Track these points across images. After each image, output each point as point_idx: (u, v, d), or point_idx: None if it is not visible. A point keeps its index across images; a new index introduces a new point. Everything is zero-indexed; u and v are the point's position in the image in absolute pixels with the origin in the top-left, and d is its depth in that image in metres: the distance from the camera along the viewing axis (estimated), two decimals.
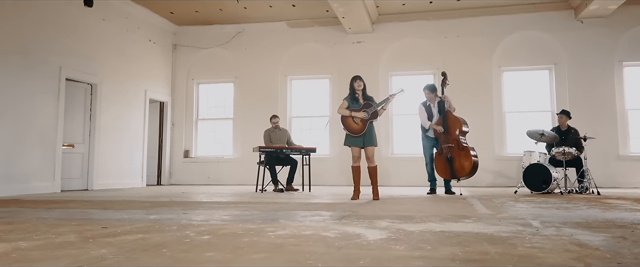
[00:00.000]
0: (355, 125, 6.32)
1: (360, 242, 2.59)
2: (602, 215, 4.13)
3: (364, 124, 6.26)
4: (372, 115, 6.26)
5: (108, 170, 9.94)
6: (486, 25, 11.10)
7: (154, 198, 6.57)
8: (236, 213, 4.30)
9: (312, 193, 7.93)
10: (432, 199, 6.45)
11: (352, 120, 6.34)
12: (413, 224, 3.46)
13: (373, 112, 6.25)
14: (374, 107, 6.26)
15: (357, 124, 6.30)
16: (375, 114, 6.27)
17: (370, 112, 6.25)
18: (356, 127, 6.30)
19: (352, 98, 6.45)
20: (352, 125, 6.34)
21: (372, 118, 6.26)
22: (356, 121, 6.31)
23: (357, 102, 6.39)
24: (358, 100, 6.40)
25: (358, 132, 6.28)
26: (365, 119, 6.26)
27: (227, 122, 12.45)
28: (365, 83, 6.48)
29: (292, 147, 8.60)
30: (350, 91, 6.48)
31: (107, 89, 9.97)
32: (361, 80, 6.43)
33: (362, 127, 6.26)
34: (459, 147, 7.42)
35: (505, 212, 4.43)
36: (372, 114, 6.25)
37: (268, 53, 12.15)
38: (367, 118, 6.25)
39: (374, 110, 6.25)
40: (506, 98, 11.08)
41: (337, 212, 4.43)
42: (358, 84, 6.40)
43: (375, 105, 6.27)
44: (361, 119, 6.27)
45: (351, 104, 6.42)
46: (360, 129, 6.27)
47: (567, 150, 7.73)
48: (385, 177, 11.04)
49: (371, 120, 6.28)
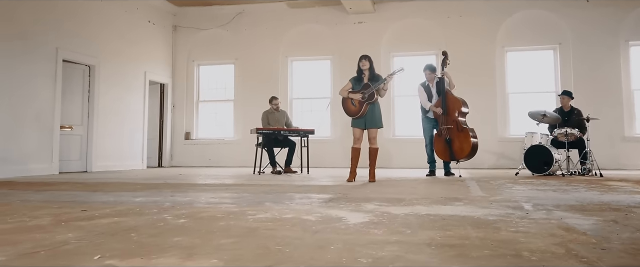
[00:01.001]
0: (353, 107, 6.21)
1: (339, 226, 2.51)
2: (598, 197, 4.03)
3: (361, 105, 6.14)
4: (369, 96, 6.13)
5: (108, 152, 9.91)
6: (489, 5, 10.89)
7: (148, 180, 6.52)
8: (224, 196, 4.23)
9: (310, 175, 7.86)
10: (429, 181, 6.36)
11: (351, 102, 6.23)
12: (400, 207, 3.37)
13: (370, 93, 6.13)
14: (371, 89, 6.13)
15: (354, 106, 6.19)
16: (372, 95, 6.14)
17: (367, 94, 6.13)
18: (353, 109, 6.19)
19: (356, 79, 6.33)
20: (349, 107, 6.24)
21: (369, 100, 6.14)
22: (354, 103, 6.20)
23: (360, 82, 6.27)
24: (362, 80, 6.27)
25: (355, 114, 6.17)
26: (362, 101, 6.14)
27: (227, 104, 12.37)
28: (371, 62, 6.31)
29: (290, 129, 8.50)
30: (357, 70, 6.36)
31: (105, 70, 9.90)
32: (367, 60, 6.28)
33: (359, 109, 6.14)
34: (459, 129, 7.31)
35: (499, 194, 4.34)
36: (368, 95, 6.13)
37: (268, 34, 12.01)
38: (364, 100, 6.13)
39: (371, 91, 6.12)
40: (509, 79, 10.92)
41: (328, 194, 4.36)
42: (362, 64, 6.27)
43: (373, 86, 6.14)
44: (358, 100, 6.16)
45: (355, 84, 6.30)
46: (356, 111, 6.16)
47: (570, 131, 7.59)
48: (386, 159, 10.96)
49: (369, 102, 6.15)
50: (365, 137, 6.33)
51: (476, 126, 9.95)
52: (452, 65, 10.72)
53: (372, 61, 6.33)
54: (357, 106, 6.18)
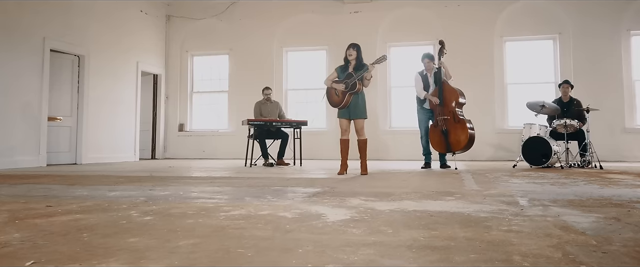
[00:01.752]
0: (336, 97, 6.00)
1: (316, 224, 2.31)
2: (598, 192, 3.83)
3: (343, 96, 5.92)
4: (351, 86, 5.89)
5: (98, 144, 9.71)
6: None
7: (134, 173, 6.33)
8: (206, 190, 4.03)
9: (302, 168, 7.66)
10: (423, 174, 6.16)
11: (334, 92, 6.01)
12: (387, 202, 3.17)
13: (352, 83, 5.89)
14: (354, 78, 5.89)
15: (337, 96, 5.98)
16: (354, 85, 5.89)
17: (350, 84, 5.90)
18: (336, 100, 5.99)
19: (343, 68, 6.11)
20: (333, 97, 6.03)
21: (351, 90, 5.90)
22: (337, 93, 5.98)
23: (346, 72, 6.05)
24: (348, 70, 6.05)
25: (338, 104, 5.96)
26: (345, 91, 5.91)
27: (222, 95, 12.16)
28: (359, 51, 6.08)
29: (282, 120, 8.29)
30: (344, 59, 6.14)
31: (95, 60, 9.68)
32: (354, 49, 6.05)
33: (341, 99, 5.92)
34: (455, 120, 7.10)
35: (494, 188, 4.14)
36: (351, 85, 5.89)
37: (263, 24, 11.78)
38: (346, 90, 5.90)
39: (354, 81, 5.89)
40: (508, 69, 10.70)
41: (315, 188, 4.16)
42: (349, 53, 6.04)
43: (355, 76, 5.90)
44: (341, 91, 5.94)
45: (340, 74, 6.09)
46: (339, 101, 5.95)
47: (569, 122, 7.38)
48: (383, 151, 10.77)
49: (352, 92, 5.92)
50: (353, 128, 6.12)
51: (474, 117, 9.76)
52: (449, 55, 10.51)
53: (360, 50, 6.10)
54: (340, 96, 5.96)
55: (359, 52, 6.05)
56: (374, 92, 11.06)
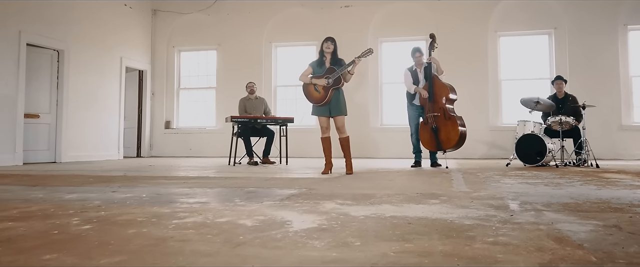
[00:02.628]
0: (316, 93, 5.69)
1: (275, 235, 2.02)
2: (596, 193, 3.55)
3: (326, 92, 5.62)
4: (335, 81, 5.60)
5: (80, 142, 9.39)
6: None
7: (109, 172, 6.02)
8: (173, 192, 3.73)
9: (287, 166, 7.37)
10: (412, 173, 5.87)
11: (314, 88, 5.71)
12: (364, 206, 2.88)
13: (336, 78, 5.60)
14: (338, 72, 5.60)
15: (318, 92, 5.67)
16: (338, 80, 5.60)
17: (333, 78, 5.60)
18: (317, 96, 5.67)
19: (318, 62, 5.81)
20: (313, 94, 5.72)
21: (335, 85, 5.61)
22: (318, 89, 5.67)
23: (322, 67, 5.75)
24: (324, 64, 5.75)
25: (319, 101, 5.66)
26: (328, 87, 5.61)
27: (209, 91, 11.85)
28: (336, 45, 5.80)
29: (267, 117, 7.99)
30: (319, 54, 5.85)
31: (76, 55, 9.35)
32: (332, 43, 5.76)
33: (324, 95, 5.62)
34: (446, 117, 6.81)
35: (484, 189, 3.85)
36: (335, 80, 5.60)
37: (252, 19, 11.47)
38: (330, 85, 5.61)
39: (337, 75, 5.59)
40: (502, 65, 10.42)
41: (292, 189, 3.86)
42: (327, 46, 5.74)
43: (338, 70, 5.61)
44: (323, 86, 5.63)
45: (316, 69, 5.79)
46: (321, 97, 5.64)
47: (564, 119, 7.11)
48: (373, 149, 10.49)
49: (335, 87, 5.62)
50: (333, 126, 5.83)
51: (467, 114, 9.46)
52: (442, 51, 10.23)
53: (336, 45, 5.81)
54: (321, 92, 5.66)
55: (335, 45, 5.77)
56: (365, 88, 10.79)
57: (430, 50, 7.17)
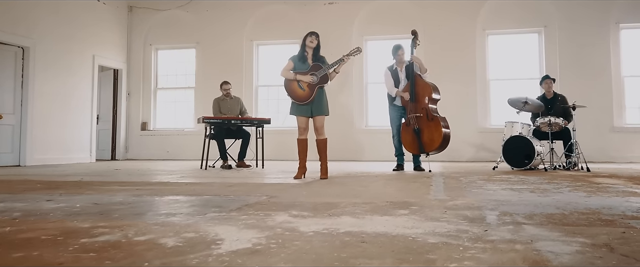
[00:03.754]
0: (300, 91, 5.31)
1: (191, 260, 1.63)
2: (585, 201, 3.18)
3: (312, 89, 5.24)
4: (322, 79, 5.24)
5: (48, 144, 8.94)
6: None
7: (67, 177, 5.60)
8: (113, 201, 3.34)
9: (262, 170, 6.97)
10: (390, 177, 5.49)
11: (298, 85, 5.32)
12: (320, 218, 2.50)
13: (323, 75, 5.23)
14: (325, 70, 5.22)
15: (303, 90, 5.29)
16: (325, 78, 5.24)
17: (320, 76, 5.22)
18: (302, 94, 5.29)
19: (299, 58, 5.42)
20: (297, 92, 5.33)
21: (321, 83, 5.25)
22: (302, 86, 5.29)
23: (304, 62, 5.36)
24: (306, 60, 5.37)
25: (304, 99, 5.27)
26: (313, 84, 5.24)
27: (188, 91, 11.42)
28: (319, 42, 5.42)
29: (242, 118, 7.58)
30: (300, 49, 5.45)
31: (43, 53, 8.91)
32: (316, 38, 5.38)
33: (309, 93, 5.24)
34: (428, 118, 6.44)
35: (463, 196, 3.48)
36: (321, 77, 5.23)
37: (232, 15, 11.07)
38: (316, 82, 5.23)
39: (324, 73, 5.22)
40: (491, 64, 10.08)
41: (252, 197, 3.47)
42: (311, 41, 5.35)
43: (325, 68, 5.24)
44: (308, 83, 5.25)
45: (297, 64, 5.40)
46: (306, 95, 5.26)
47: (554, 120, 6.76)
48: (358, 151, 10.12)
49: (320, 86, 5.26)
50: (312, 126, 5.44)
51: (454, 115, 9.12)
52: (429, 49, 9.91)
53: (320, 41, 5.44)
54: (306, 90, 5.28)
55: (319, 42, 5.40)
56: (349, 89, 10.42)
57: (412, 47, 6.80)
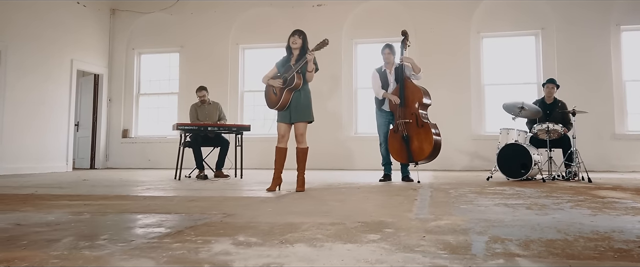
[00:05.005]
0: (273, 96, 4.85)
1: None
2: (590, 222, 2.72)
3: (281, 93, 4.77)
4: (289, 81, 4.75)
5: (19, 152, 8.47)
6: None
7: (19, 189, 5.13)
8: (38, 221, 2.87)
9: (239, 181, 6.51)
10: (374, 189, 5.01)
11: (272, 90, 4.87)
12: (268, 248, 2.03)
13: (290, 77, 4.75)
14: (292, 70, 4.75)
15: (275, 94, 4.83)
16: (292, 80, 4.75)
17: (288, 77, 4.76)
18: (273, 99, 4.84)
19: (284, 62, 4.97)
20: (270, 97, 4.88)
21: (289, 86, 4.76)
22: (275, 91, 4.83)
23: (287, 64, 4.90)
24: (289, 61, 4.91)
25: (274, 104, 4.81)
26: (283, 87, 4.77)
27: (171, 97, 10.95)
28: (305, 39, 4.91)
29: (218, 124, 7.11)
30: (286, 49, 4.99)
31: (16, 56, 8.46)
32: (299, 37, 4.88)
33: (279, 97, 4.77)
34: (418, 124, 5.98)
35: (449, 214, 3.01)
36: (289, 79, 4.75)
37: (217, 18, 10.63)
38: (284, 86, 4.76)
39: (292, 74, 4.75)
40: (486, 68, 9.63)
41: (206, 215, 3.01)
42: (293, 41, 4.87)
43: (293, 69, 4.76)
44: (279, 87, 4.79)
45: (281, 68, 4.95)
46: (276, 100, 4.80)
47: (552, 127, 6.29)
48: (348, 160, 9.66)
49: (290, 88, 4.77)
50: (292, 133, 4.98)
51: (448, 122, 8.68)
52: (421, 53, 9.47)
53: (306, 39, 4.95)
54: (278, 95, 4.82)
55: (305, 40, 4.90)
56: (338, 94, 9.97)
57: (402, 49, 6.35)
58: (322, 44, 4.81)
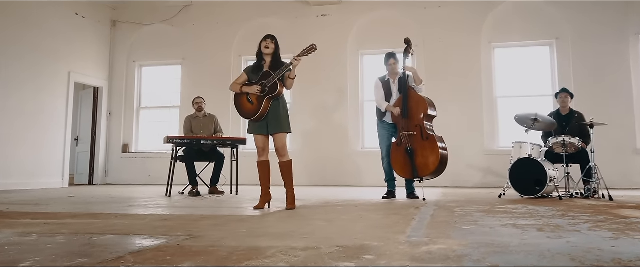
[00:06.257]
0: (248, 105, 4.46)
1: None
2: (612, 247, 2.28)
3: (260, 102, 4.39)
4: (271, 88, 4.37)
5: (10, 167, 8.19)
6: None
7: None
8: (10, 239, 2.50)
9: (234, 197, 6.12)
10: (373, 207, 4.59)
11: (246, 98, 4.47)
12: None
13: (272, 84, 4.37)
14: (275, 77, 4.37)
15: (251, 104, 4.43)
16: (274, 87, 4.38)
17: (269, 85, 4.37)
18: (250, 108, 4.44)
19: (255, 68, 4.60)
20: (245, 106, 4.49)
21: (271, 93, 4.38)
22: (250, 99, 4.44)
23: (260, 72, 4.52)
24: (262, 69, 4.53)
25: (253, 114, 4.42)
26: (262, 95, 4.38)
27: (173, 110, 10.64)
28: (278, 45, 4.60)
29: (212, 137, 6.74)
30: (257, 56, 4.63)
31: (9, 69, 8.23)
32: (272, 41, 4.57)
33: (257, 107, 4.39)
34: (423, 136, 5.55)
35: (446, 237, 2.58)
36: (271, 87, 4.37)
37: (220, 29, 10.35)
38: (264, 94, 4.38)
39: (274, 81, 4.37)
40: (498, 80, 9.17)
41: (167, 237, 2.63)
42: (265, 45, 4.54)
43: (276, 74, 4.39)
44: (256, 96, 4.41)
45: (252, 75, 4.57)
46: (254, 110, 4.41)
47: (569, 140, 5.82)
48: (355, 176, 9.24)
49: (271, 97, 4.39)
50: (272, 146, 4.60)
51: (459, 137, 8.26)
52: (429, 64, 9.07)
53: (278, 45, 4.60)
54: (255, 104, 4.42)
55: (277, 46, 4.57)
56: (344, 107, 9.58)
57: (404, 57, 5.95)
58: (309, 50, 4.46)
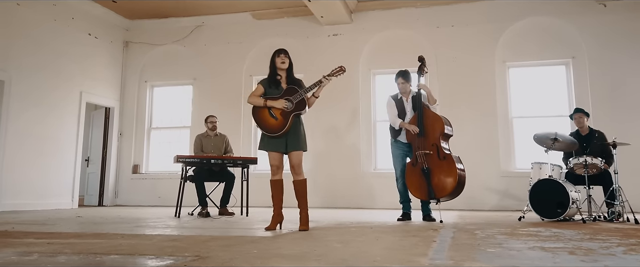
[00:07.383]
0: (272, 120, 4.34)
1: None
2: None
3: (286, 118, 4.28)
4: (298, 105, 4.29)
5: (22, 187, 8.10)
6: (487, 11, 9.10)
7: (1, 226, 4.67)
8: None
9: (244, 218, 5.96)
10: (388, 229, 4.40)
11: (269, 112, 4.36)
12: None
13: (299, 100, 4.29)
14: (301, 94, 4.28)
15: (275, 119, 4.32)
16: (302, 104, 4.31)
17: (295, 101, 4.28)
18: (274, 124, 4.32)
19: (271, 81, 4.50)
20: (268, 121, 4.36)
21: (298, 110, 4.30)
22: (274, 114, 4.33)
23: (277, 87, 4.43)
24: (279, 84, 4.44)
25: (277, 130, 4.30)
26: (288, 111, 4.28)
27: (183, 131, 10.55)
28: (291, 61, 4.53)
29: (224, 157, 6.61)
30: (270, 71, 4.54)
31: (21, 88, 8.18)
32: (287, 56, 4.49)
33: (283, 122, 4.28)
34: (440, 156, 5.39)
35: (473, 258, 2.41)
36: (297, 103, 4.29)
37: (231, 49, 10.31)
38: (291, 109, 4.27)
39: (301, 97, 4.28)
40: (513, 100, 8.99)
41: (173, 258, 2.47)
42: (281, 60, 4.45)
43: (302, 91, 4.30)
44: (281, 110, 4.30)
45: (269, 89, 4.47)
46: (279, 125, 4.30)
47: (590, 161, 5.62)
48: (368, 198, 9.05)
49: (297, 113, 4.30)
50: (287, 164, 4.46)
51: (474, 158, 8.06)
52: (442, 84, 8.93)
53: (291, 60, 4.53)
54: (279, 119, 4.31)
55: (291, 61, 4.49)
56: (356, 127, 9.43)
57: (419, 75, 5.83)
58: (338, 71, 4.46)
